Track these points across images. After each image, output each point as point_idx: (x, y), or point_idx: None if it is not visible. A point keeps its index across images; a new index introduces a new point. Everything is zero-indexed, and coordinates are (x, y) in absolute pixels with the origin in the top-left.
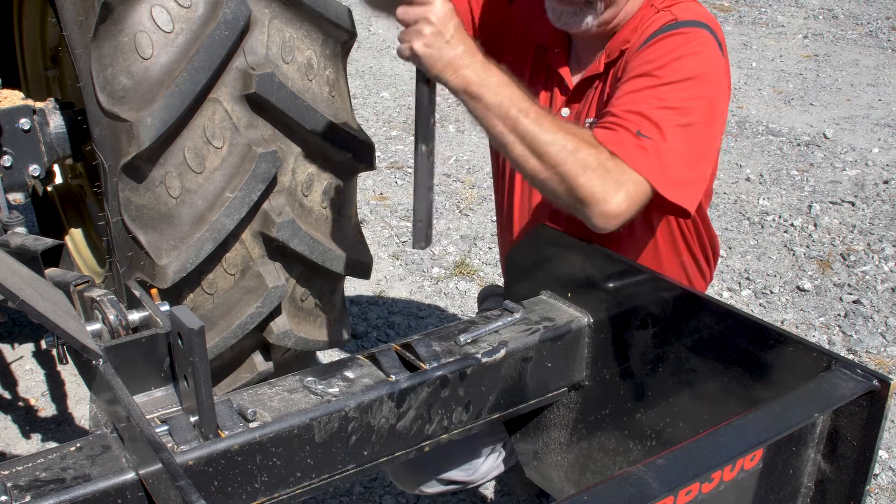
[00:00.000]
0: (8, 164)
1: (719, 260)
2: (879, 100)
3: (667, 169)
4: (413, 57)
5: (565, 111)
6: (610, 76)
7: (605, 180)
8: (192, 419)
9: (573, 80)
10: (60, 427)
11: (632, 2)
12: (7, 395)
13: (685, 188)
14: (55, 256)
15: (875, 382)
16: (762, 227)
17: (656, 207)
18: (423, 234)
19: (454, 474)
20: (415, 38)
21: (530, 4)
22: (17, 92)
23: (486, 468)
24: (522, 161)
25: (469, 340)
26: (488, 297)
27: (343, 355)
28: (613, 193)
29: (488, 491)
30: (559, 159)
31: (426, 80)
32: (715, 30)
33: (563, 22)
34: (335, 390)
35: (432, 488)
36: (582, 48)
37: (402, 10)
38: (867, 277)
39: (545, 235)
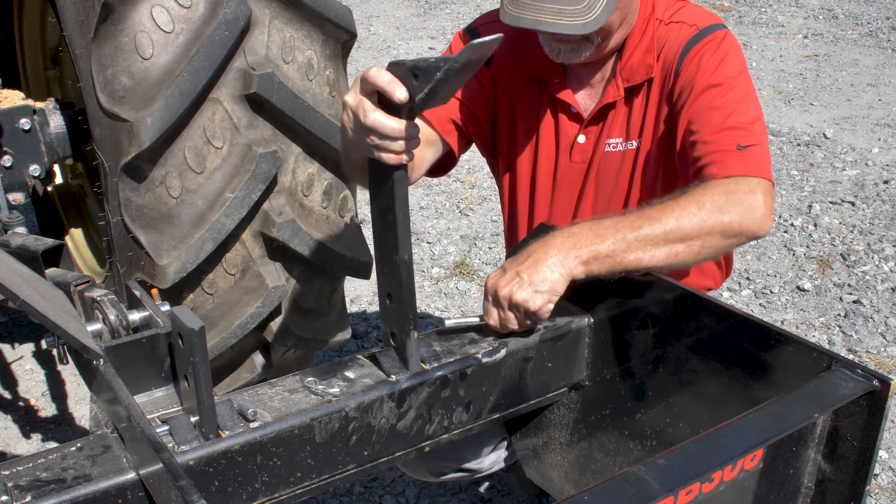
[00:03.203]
0: (8, 164)
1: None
2: (879, 100)
3: (768, 160)
4: (543, 309)
5: (581, 138)
6: (641, 98)
7: (740, 204)
8: (193, 419)
9: (586, 106)
10: (60, 427)
11: (625, 23)
12: (7, 395)
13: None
14: (55, 256)
15: (875, 382)
16: None
17: None
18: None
19: (462, 463)
20: (527, 298)
21: (510, 51)
22: (17, 92)
23: (494, 458)
24: (676, 258)
25: (469, 340)
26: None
27: (343, 355)
28: (754, 207)
29: (488, 491)
30: (697, 227)
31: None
32: (724, 24)
33: (562, 58)
34: (335, 390)
35: (440, 476)
36: (583, 72)
37: (494, 308)
38: (867, 277)
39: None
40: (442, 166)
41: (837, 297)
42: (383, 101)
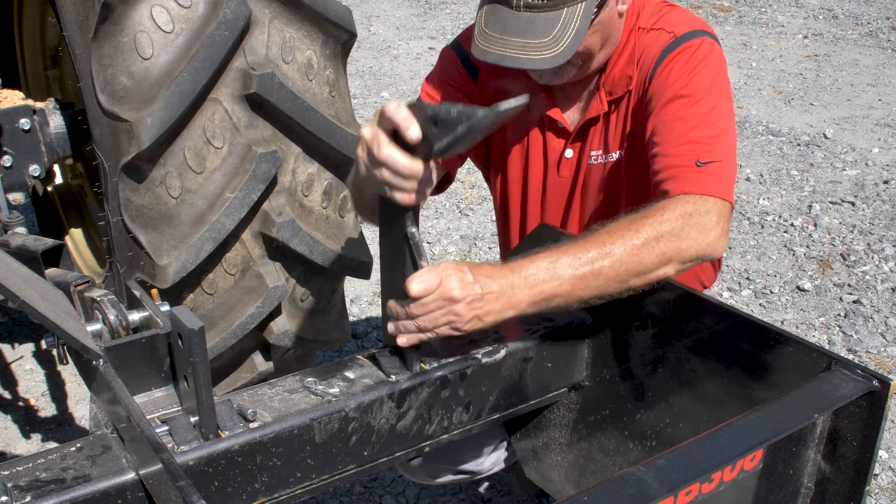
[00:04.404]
0: (8, 164)
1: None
2: (879, 100)
3: (730, 179)
4: (465, 330)
5: (569, 152)
6: (622, 110)
7: (694, 227)
8: (193, 419)
9: (572, 120)
10: (60, 427)
11: (609, 42)
12: (7, 395)
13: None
14: (55, 256)
15: (875, 383)
16: (762, 227)
17: None
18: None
19: (463, 464)
20: (457, 322)
21: (496, 68)
22: (17, 92)
23: (494, 459)
24: (628, 289)
25: (469, 340)
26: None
27: (343, 355)
28: (707, 229)
29: (488, 491)
30: (656, 259)
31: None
32: (709, 31)
33: (545, 80)
34: (335, 390)
35: (441, 478)
36: (570, 88)
37: (416, 307)
38: (867, 277)
39: (546, 235)
40: (439, 185)
41: (837, 297)
42: (399, 139)
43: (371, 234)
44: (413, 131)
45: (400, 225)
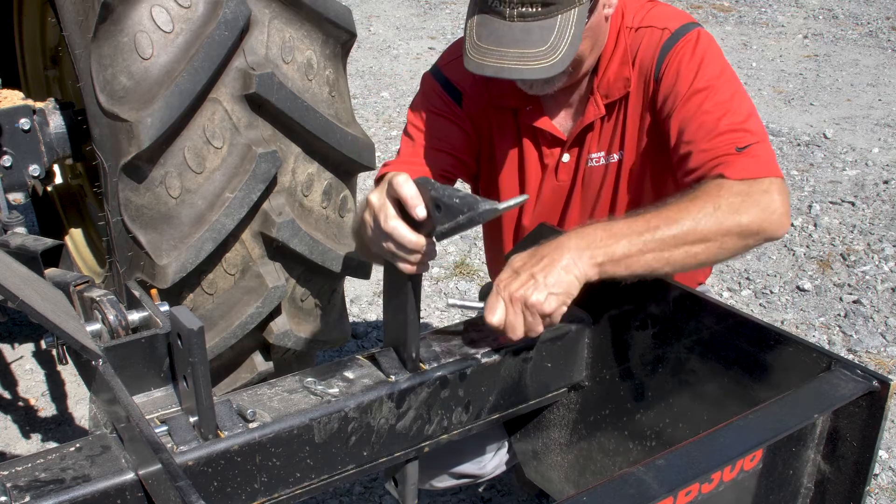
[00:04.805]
0: (8, 164)
1: None
2: (879, 100)
3: (772, 156)
4: (557, 312)
5: (566, 157)
6: (620, 112)
7: (756, 205)
8: (192, 419)
9: (564, 127)
10: (60, 427)
11: (597, 46)
12: (7, 395)
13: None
14: (55, 256)
15: (875, 383)
16: None
17: None
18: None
19: (465, 468)
20: (541, 300)
21: (481, 83)
22: (17, 92)
23: (496, 462)
24: (695, 259)
25: (469, 341)
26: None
27: (343, 355)
28: (772, 208)
29: (488, 491)
30: (714, 228)
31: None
32: (696, 22)
33: (535, 90)
34: (335, 391)
35: (443, 483)
36: (559, 95)
37: (503, 309)
38: (867, 277)
39: (546, 235)
40: None
41: (837, 297)
42: (405, 211)
43: None
44: (419, 211)
45: (403, 290)
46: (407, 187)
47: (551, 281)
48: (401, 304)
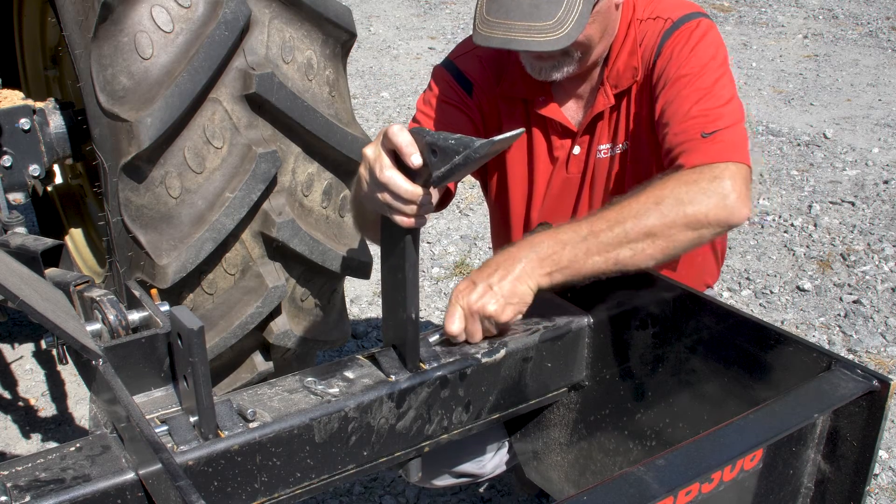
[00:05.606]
0: (8, 164)
1: None
2: (879, 100)
3: (739, 142)
4: (512, 320)
5: (577, 149)
6: (629, 101)
7: (702, 193)
8: (192, 419)
9: (576, 118)
10: (60, 427)
11: (607, 34)
12: (7, 395)
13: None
14: (55, 256)
15: (875, 382)
16: (762, 227)
17: None
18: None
19: (465, 467)
20: (499, 310)
21: (491, 74)
22: (17, 92)
23: (496, 462)
24: (643, 256)
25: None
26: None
27: (343, 355)
28: (722, 194)
29: (488, 491)
30: (658, 223)
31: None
32: (703, 12)
33: (544, 75)
34: (335, 390)
35: (443, 481)
36: (569, 85)
37: (462, 319)
38: (867, 277)
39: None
40: (440, 202)
41: (837, 297)
42: (401, 162)
43: None
44: (415, 158)
45: (401, 246)
46: (402, 136)
47: (507, 291)
48: (398, 264)
